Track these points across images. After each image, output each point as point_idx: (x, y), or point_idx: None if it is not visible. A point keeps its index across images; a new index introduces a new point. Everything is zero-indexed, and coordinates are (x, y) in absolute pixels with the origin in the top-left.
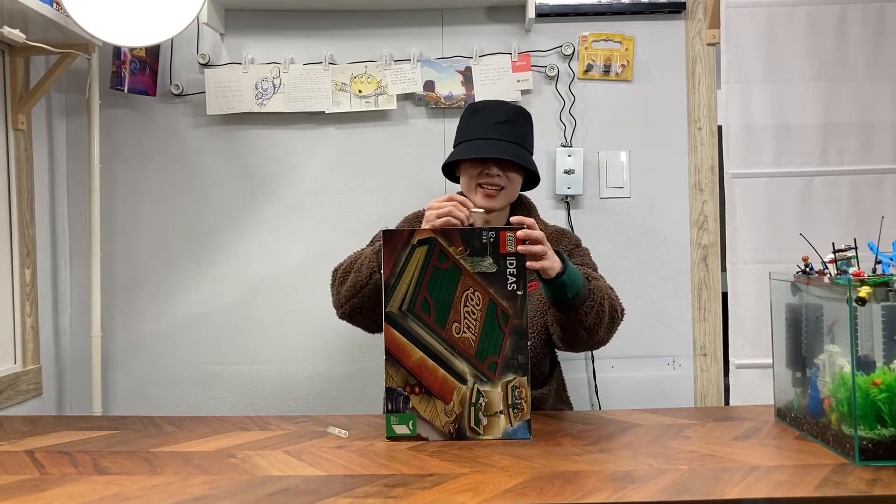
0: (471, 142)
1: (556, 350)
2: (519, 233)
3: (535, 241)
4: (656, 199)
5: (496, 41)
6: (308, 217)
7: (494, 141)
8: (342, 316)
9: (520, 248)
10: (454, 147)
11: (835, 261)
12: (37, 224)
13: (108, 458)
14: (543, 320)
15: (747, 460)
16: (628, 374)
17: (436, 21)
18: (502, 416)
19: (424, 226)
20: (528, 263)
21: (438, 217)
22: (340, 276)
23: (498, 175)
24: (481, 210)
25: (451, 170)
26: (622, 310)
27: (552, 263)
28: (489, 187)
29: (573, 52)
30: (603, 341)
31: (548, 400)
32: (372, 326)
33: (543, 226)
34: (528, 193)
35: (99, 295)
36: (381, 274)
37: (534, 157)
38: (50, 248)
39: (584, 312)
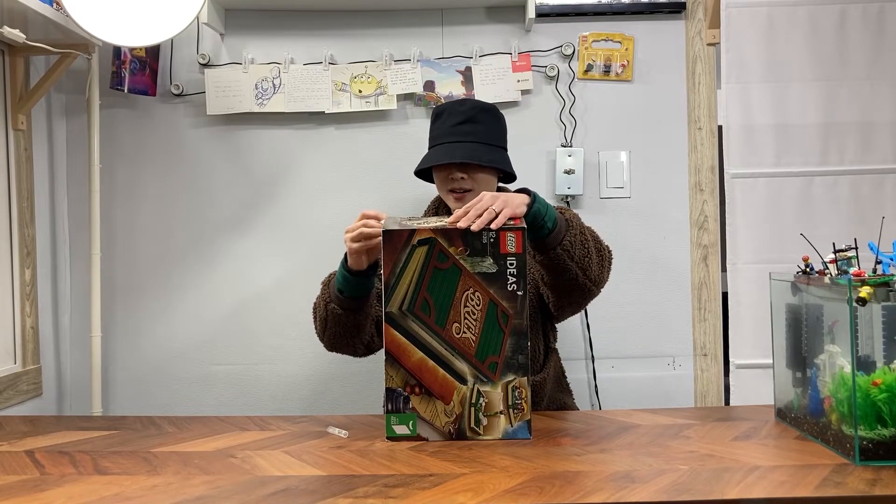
0: (433, 148)
1: (556, 323)
2: (450, 218)
3: (480, 212)
4: (656, 199)
5: (496, 41)
6: (308, 216)
7: (452, 144)
8: (327, 349)
9: (473, 227)
10: None
11: (835, 261)
12: (37, 224)
13: (108, 458)
14: (534, 302)
15: (747, 460)
16: (628, 374)
17: (436, 21)
18: (502, 416)
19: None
20: (496, 222)
21: (352, 241)
22: (312, 315)
23: (462, 177)
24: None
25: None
26: (608, 248)
27: (514, 206)
28: (458, 191)
29: (573, 52)
30: (598, 280)
31: (545, 386)
32: (360, 351)
33: None
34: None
35: (99, 295)
36: (335, 304)
37: (508, 151)
38: (50, 248)
39: (570, 243)
